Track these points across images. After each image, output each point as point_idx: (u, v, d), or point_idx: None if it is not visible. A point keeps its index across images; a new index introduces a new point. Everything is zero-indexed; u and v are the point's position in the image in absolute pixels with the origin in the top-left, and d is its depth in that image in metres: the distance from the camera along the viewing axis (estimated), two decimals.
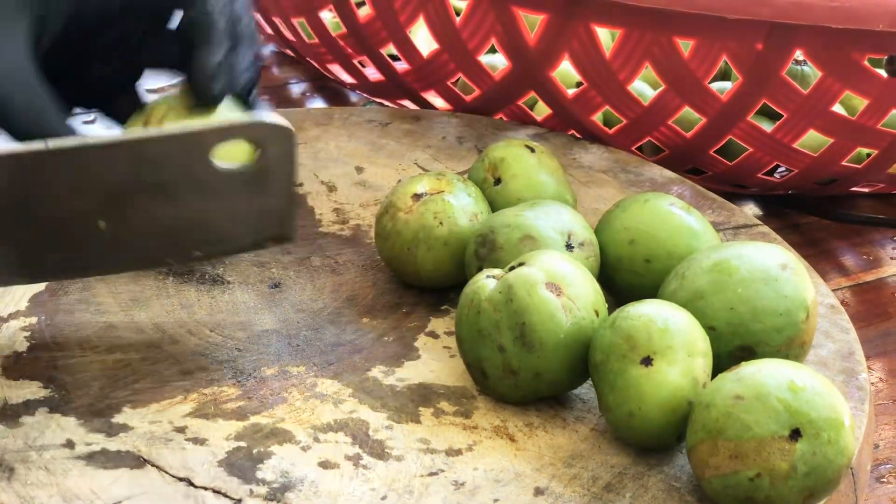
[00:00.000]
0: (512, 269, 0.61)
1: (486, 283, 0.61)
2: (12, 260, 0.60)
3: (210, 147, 0.59)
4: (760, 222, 0.77)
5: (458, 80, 0.93)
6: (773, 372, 0.54)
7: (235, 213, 0.63)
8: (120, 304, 0.68)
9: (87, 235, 0.60)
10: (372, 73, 0.97)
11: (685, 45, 0.82)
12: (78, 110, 0.66)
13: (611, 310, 0.62)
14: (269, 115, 0.60)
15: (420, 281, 0.70)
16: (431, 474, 0.57)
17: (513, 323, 0.59)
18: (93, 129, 0.68)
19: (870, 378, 0.72)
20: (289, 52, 1.09)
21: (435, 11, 0.86)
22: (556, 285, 0.60)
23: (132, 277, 0.70)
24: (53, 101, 0.58)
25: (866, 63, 0.81)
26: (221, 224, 0.63)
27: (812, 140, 0.87)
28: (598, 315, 0.61)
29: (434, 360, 0.65)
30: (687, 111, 0.86)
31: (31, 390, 0.61)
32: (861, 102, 0.85)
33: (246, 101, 0.63)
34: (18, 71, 0.57)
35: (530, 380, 0.60)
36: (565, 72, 0.91)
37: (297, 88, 1.07)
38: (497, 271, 0.62)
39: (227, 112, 0.63)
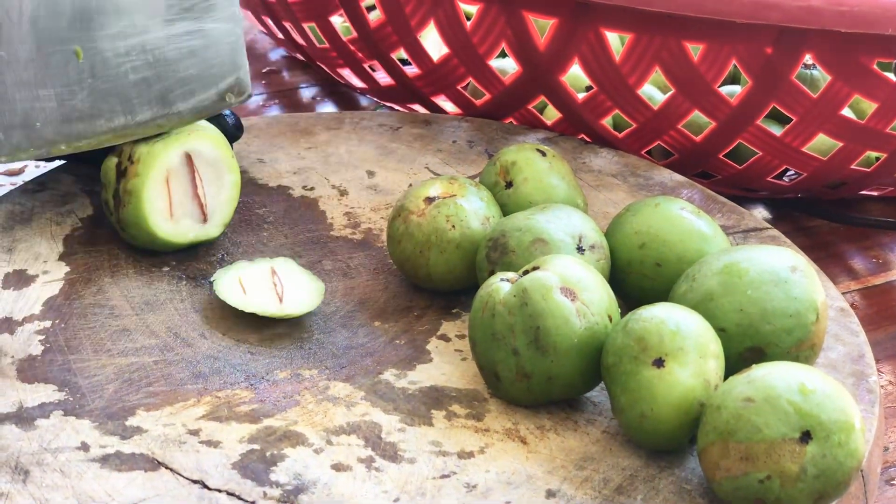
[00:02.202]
0: (526, 272, 0.61)
1: (500, 286, 0.61)
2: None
3: None
4: (770, 226, 0.78)
5: (468, 84, 0.93)
6: (783, 374, 0.55)
7: (192, 44, 0.67)
8: (133, 308, 0.68)
9: (66, 65, 0.64)
10: (382, 77, 0.98)
11: (695, 50, 0.82)
12: None
13: (621, 313, 0.63)
14: None
15: (432, 284, 0.70)
16: (443, 476, 0.58)
17: (527, 327, 0.60)
18: None
19: (880, 381, 0.72)
20: (300, 56, 1.09)
21: (445, 16, 0.86)
22: (571, 290, 0.60)
23: (146, 281, 0.70)
24: None
25: (875, 67, 0.81)
26: (182, 59, 0.67)
27: (821, 144, 0.87)
28: (611, 320, 0.61)
29: (446, 363, 0.65)
30: (696, 115, 0.86)
31: (46, 393, 0.61)
32: (870, 106, 0.85)
33: None
34: None
35: (543, 383, 0.60)
36: (575, 76, 0.91)
37: (307, 93, 1.08)
38: (511, 274, 0.62)
39: None
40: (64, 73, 0.67)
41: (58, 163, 0.81)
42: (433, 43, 0.94)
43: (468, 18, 0.86)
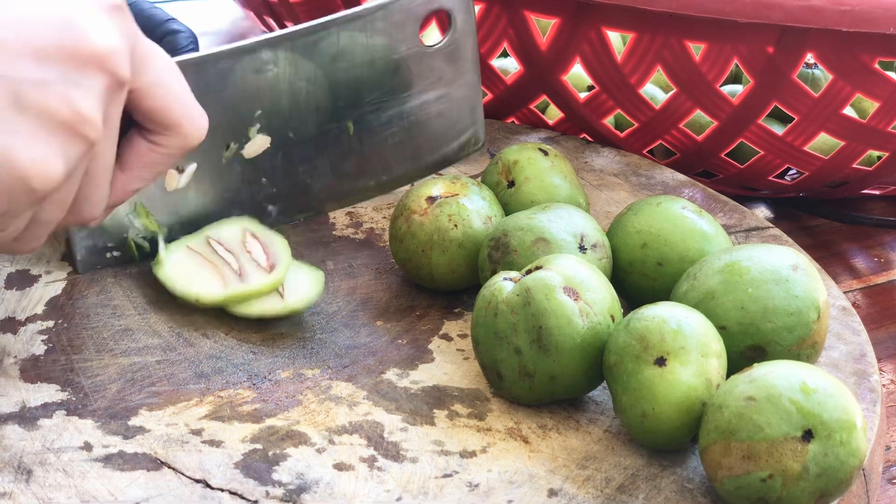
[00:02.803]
0: (529, 272, 0.61)
1: (503, 285, 0.61)
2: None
3: (415, 17, 0.75)
4: (772, 225, 0.78)
5: None
6: (785, 373, 0.55)
7: (439, 106, 0.78)
8: (136, 308, 0.68)
9: (339, 137, 0.76)
10: None
11: (696, 49, 0.82)
12: None
13: (623, 313, 0.63)
14: None
15: (434, 283, 0.70)
16: (446, 476, 0.58)
17: (530, 326, 0.60)
18: None
19: (881, 380, 0.72)
20: None
21: None
22: (574, 289, 0.60)
23: (148, 281, 0.70)
24: None
25: (877, 66, 0.81)
26: (431, 119, 0.78)
27: (823, 143, 0.87)
28: (613, 319, 0.61)
29: (448, 363, 0.66)
30: (698, 114, 0.86)
31: (49, 393, 0.62)
32: (872, 105, 0.85)
33: None
34: None
35: (546, 382, 0.60)
36: (577, 76, 0.91)
37: None
38: (514, 274, 0.62)
39: None
40: (338, 145, 0.76)
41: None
42: None
43: None
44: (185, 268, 0.69)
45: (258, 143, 0.73)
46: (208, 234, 0.71)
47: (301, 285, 0.68)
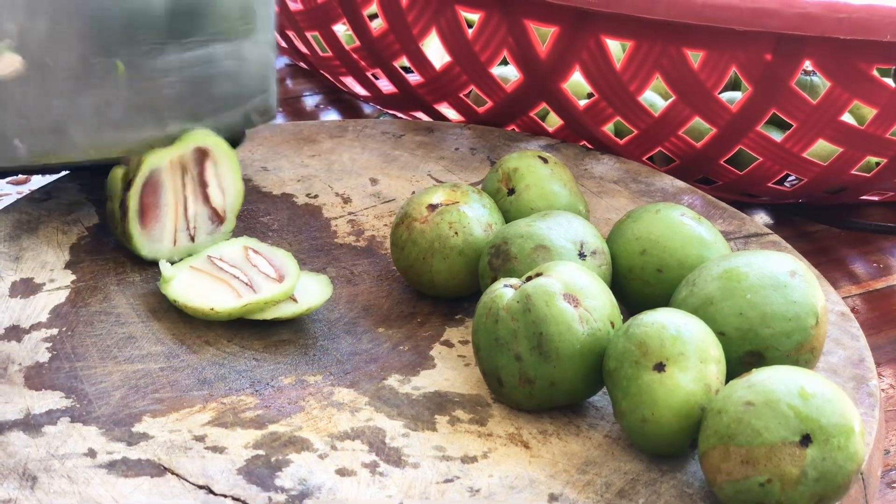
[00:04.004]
0: (529, 279, 0.62)
1: (503, 292, 0.62)
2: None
3: None
4: (771, 231, 0.78)
5: (470, 92, 0.93)
6: (783, 378, 0.55)
7: (226, 65, 0.70)
8: (139, 315, 0.69)
9: (106, 76, 0.67)
10: (385, 85, 0.98)
11: (695, 57, 0.82)
12: None
13: (623, 319, 0.63)
14: None
15: (435, 290, 0.70)
16: (447, 481, 0.58)
17: (530, 332, 0.60)
18: None
19: (880, 385, 0.72)
20: (303, 64, 1.10)
21: (447, 24, 0.87)
22: (574, 296, 0.61)
23: (151, 289, 0.71)
24: None
25: (874, 73, 0.81)
26: (215, 76, 0.70)
27: (821, 149, 0.88)
28: (613, 326, 0.61)
29: (449, 369, 0.66)
30: (697, 121, 0.86)
31: (53, 400, 0.62)
32: (870, 112, 0.86)
33: None
34: None
35: (546, 389, 0.61)
36: (576, 83, 0.92)
37: (311, 101, 1.08)
38: (514, 280, 0.62)
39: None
40: (103, 85, 0.69)
41: (63, 171, 0.81)
42: (435, 51, 0.95)
43: (470, 26, 0.87)
44: (194, 284, 0.69)
45: (6, 62, 0.66)
46: (209, 253, 0.71)
47: (310, 289, 0.69)
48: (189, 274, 0.70)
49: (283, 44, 1.06)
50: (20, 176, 0.93)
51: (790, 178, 0.95)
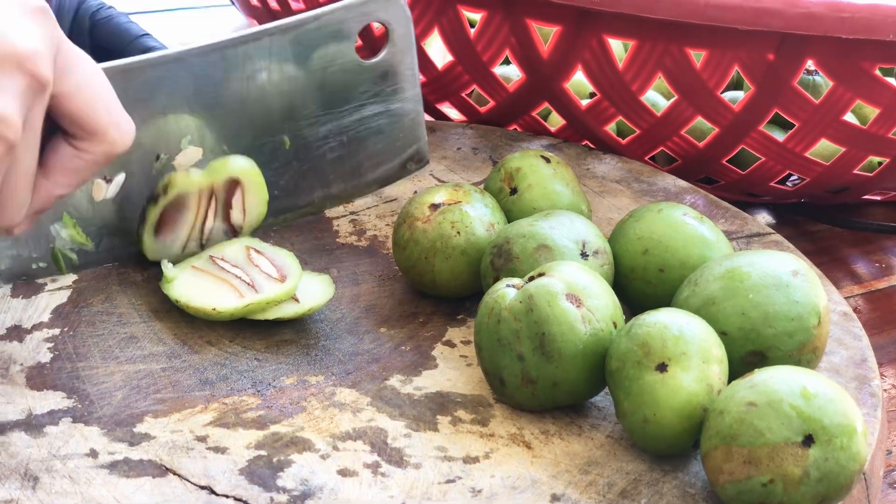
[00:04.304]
0: (532, 279, 0.62)
1: (506, 292, 0.62)
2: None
3: (347, 26, 0.74)
4: (773, 231, 0.78)
5: (472, 91, 0.93)
6: (785, 379, 0.55)
7: (380, 122, 0.77)
8: (141, 315, 0.69)
9: (275, 152, 0.75)
10: None
11: (697, 56, 0.82)
12: None
13: (625, 319, 0.63)
14: None
15: (437, 290, 0.70)
16: (449, 482, 0.58)
17: (532, 333, 0.60)
18: None
19: (883, 385, 0.72)
20: None
21: (449, 24, 0.87)
22: (576, 296, 0.61)
23: (153, 289, 0.71)
24: None
25: (877, 72, 0.81)
26: (371, 136, 0.77)
27: (824, 149, 0.88)
28: (615, 326, 0.61)
29: (451, 369, 0.66)
30: (699, 121, 0.86)
31: (55, 400, 0.62)
32: (872, 111, 0.86)
33: None
34: None
35: (548, 389, 0.61)
36: (579, 83, 0.91)
37: None
38: (516, 280, 0.62)
39: None
40: (274, 159, 0.75)
41: None
42: (438, 51, 0.95)
43: (472, 26, 0.87)
44: (196, 284, 0.69)
45: (189, 155, 0.71)
46: (211, 253, 0.71)
47: (312, 289, 0.69)
48: (191, 274, 0.70)
49: None
50: None
51: (792, 178, 0.95)
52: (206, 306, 0.67)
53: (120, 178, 0.69)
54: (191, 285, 0.69)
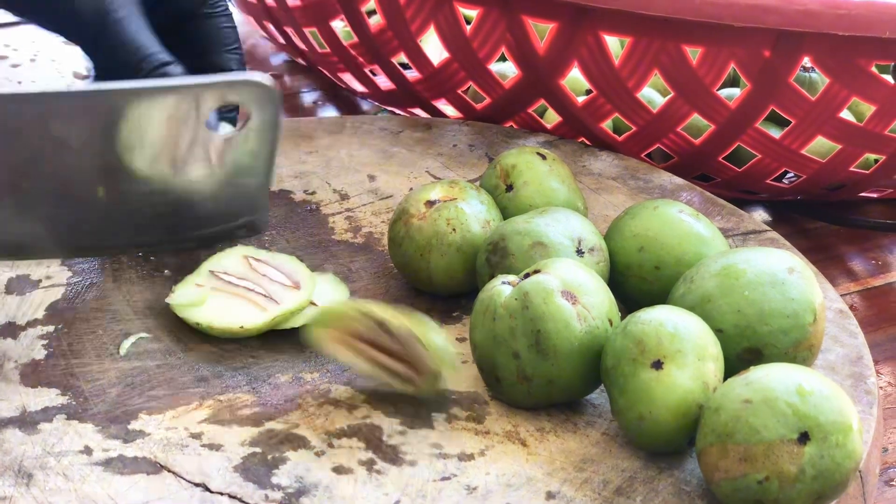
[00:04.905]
0: (527, 276, 0.62)
1: (501, 289, 0.62)
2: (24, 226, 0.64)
3: (204, 103, 0.63)
4: (769, 228, 0.78)
5: (468, 88, 0.93)
6: (781, 376, 0.55)
7: (215, 190, 0.67)
8: (135, 312, 0.68)
9: (87, 202, 0.65)
10: (383, 81, 0.98)
11: (693, 53, 0.82)
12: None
13: (621, 316, 0.63)
14: (255, 74, 0.65)
15: (432, 287, 0.70)
16: (444, 479, 0.58)
17: (528, 330, 0.60)
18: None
19: (879, 382, 0.72)
20: (301, 61, 1.10)
21: (445, 20, 0.87)
22: (572, 293, 0.60)
23: (147, 286, 0.70)
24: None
25: (873, 69, 0.81)
26: (202, 201, 0.68)
27: (820, 146, 0.87)
28: (611, 324, 0.61)
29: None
30: (696, 118, 0.86)
31: (50, 397, 0.62)
32: (868, 108, 0.86)
33: None
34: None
35: (543, 386, 0.61)
36: (575, 80, 0.91)
37: (309, 97, 1.08)
38: (512, 277, 0.62)
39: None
40: (83, 206, 0.66)
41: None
42: (433, 47, 0.94)
43: (468, 23, 0.87)
44: (214, 304, 0.68)
45: None
46: (210, 268, 0.70)
47: (324, 289, 0.69)
48: (201, 293, 0.68)
49: (281, 40, 1.06)
50: None
51: (789, 175, 0.95)
52: (233, 325, 0.66)
53: None
54: (210, 307, 0.68)
